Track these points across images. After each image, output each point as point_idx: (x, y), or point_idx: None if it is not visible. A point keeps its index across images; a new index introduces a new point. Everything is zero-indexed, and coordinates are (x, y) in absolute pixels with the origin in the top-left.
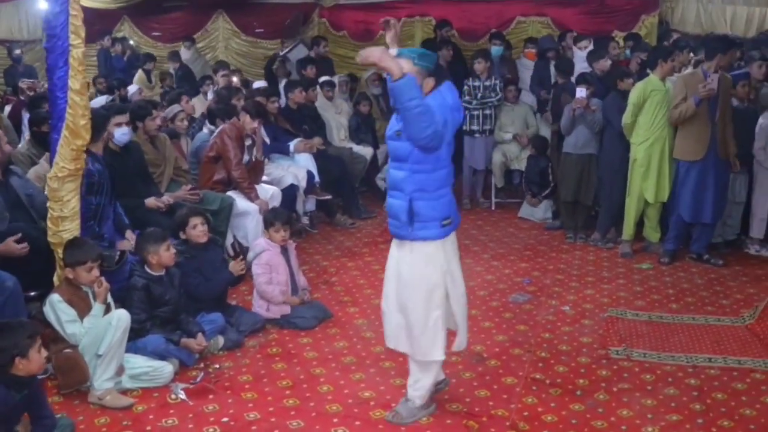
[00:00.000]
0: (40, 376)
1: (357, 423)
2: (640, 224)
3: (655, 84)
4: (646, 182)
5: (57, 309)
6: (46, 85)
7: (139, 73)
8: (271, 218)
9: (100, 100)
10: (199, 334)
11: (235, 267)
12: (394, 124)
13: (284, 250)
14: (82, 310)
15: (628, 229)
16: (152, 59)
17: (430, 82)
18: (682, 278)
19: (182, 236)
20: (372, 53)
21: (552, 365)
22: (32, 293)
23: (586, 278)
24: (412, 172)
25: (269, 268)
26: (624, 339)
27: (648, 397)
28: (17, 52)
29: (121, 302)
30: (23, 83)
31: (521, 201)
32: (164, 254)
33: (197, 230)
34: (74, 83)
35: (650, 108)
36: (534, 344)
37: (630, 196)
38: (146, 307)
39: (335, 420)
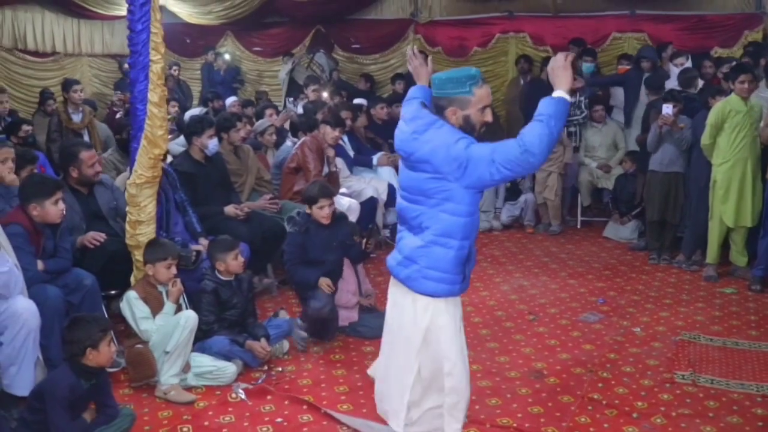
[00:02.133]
0: (112, 369)
1: None
2: (727, 247)
3: (734, 104)
4: (725, 205)
5: (133, 305)
6: None
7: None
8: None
9: (194, 111)
10: (263, 339)
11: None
12: None
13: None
14: (156, 308)
15: (711, 252)
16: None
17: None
18: (767, 305)
19: (307, 210)
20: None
21: (612, 386)
22: (111, 292)
23: (663, 300)
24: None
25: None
26: (692, 364)
27: (708, 424)
28: (126, 65)
29: (192, 303)
30: (116, 95)
31: (608, 220)
32: (231, 263)
33: (323, 212)
34: (153, 96)
35: (729, 129)
36: (597, 364)
37: (712, 219)
38: (214, 309)
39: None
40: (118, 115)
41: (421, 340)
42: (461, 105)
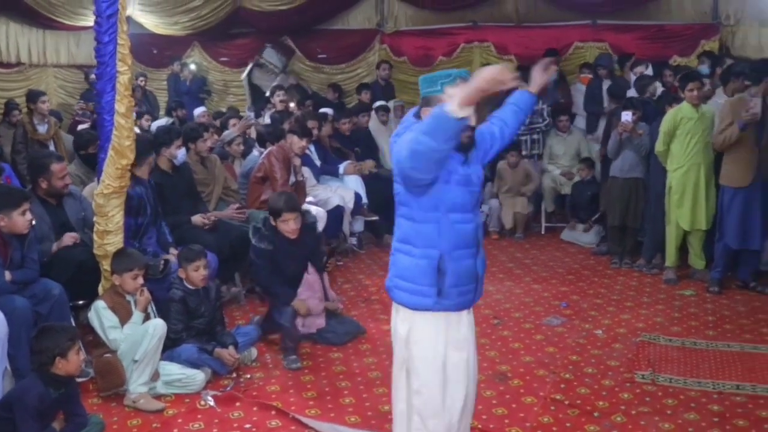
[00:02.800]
0: (81, 379)
1: None
2: (687, 251)
3: (686, 111)
4: (681, 209)
5: (101, 315)
6: None
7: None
8: None
9: (160, 122)
10: (231, 346)
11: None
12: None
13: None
14: (124, 317)
15: (670, 255)
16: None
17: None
18: (724, 305)
19: (272, 222)
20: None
21: (574, 387)
22: (79, 302)
23: (624, 303)
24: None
25: (307, 286)
26: (652, 363)
27: (667, 421)
28: (92, 76)
29: (160, 312)
30: (78, 105)
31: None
32: (192, 273)
33: (288, 226)
34: (120, 107)
35: (682, 135)
36: (560, 366)
37: (669, 223)
38: (183, 318)
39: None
40: (80, 127)
41: (404, 352)
42: (434, 104)
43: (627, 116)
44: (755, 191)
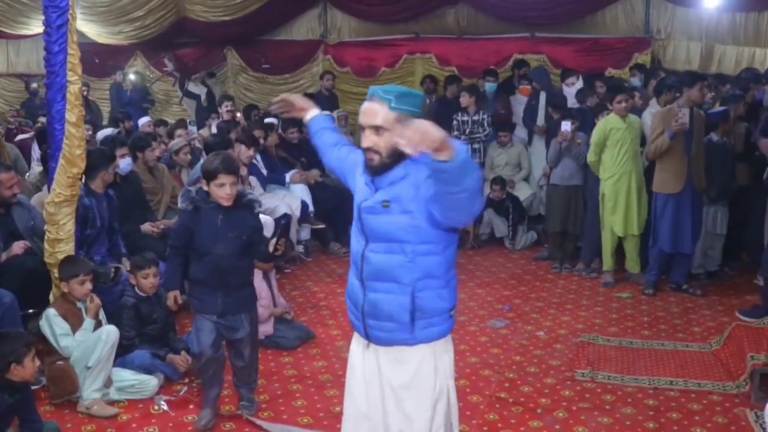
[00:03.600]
0: (33, 386)
1: None
2: (624, 255)
3: (613, 122)
4: (614, 216)
5: (52, 322)
6: None
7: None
8: None
9: (106, 132)
10: (183, 351)
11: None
12: (367, 191)
13: (266, 276)
14: (75, 324)
15: (606, 260)
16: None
17: None
18: (658, 307)
19: (204, 187)
20: (414, 132)
21: (518, 386)
22: (30, 311)
23: (564, 306)
24: (415, 255)
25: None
26: (591, 362)
27: (605, 416)
28: (34, 85)
29: (113, 319)
30: (10, 112)
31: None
32: (141, 281)
33: (222, 191)
34: (71, 116)
35: (612, 145)
36: (504, 366)
37: (604, 229)
38: (135, 324)
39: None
40: (20, 136)
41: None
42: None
43: (566, 126)
44: (686, 197)
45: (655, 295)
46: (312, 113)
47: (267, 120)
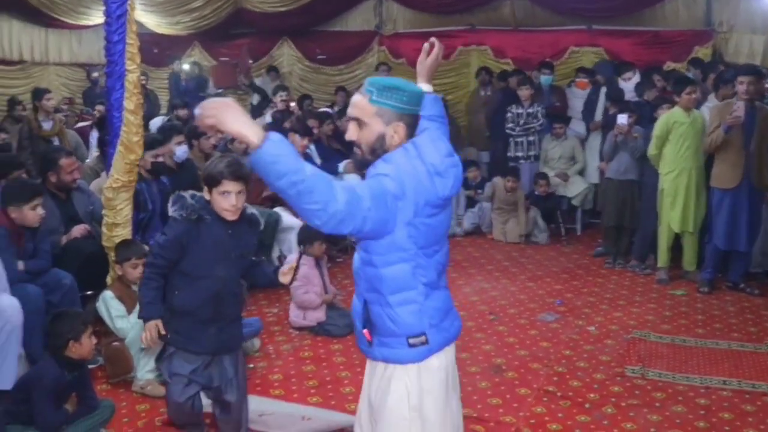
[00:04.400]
0: (91, 365)
1: None
2: (680, 251)
3: (678, 116)
4: (673, 212)
5: (108, 305)
6: None
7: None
8: (306, 236)
9: (157, 121)
10: None
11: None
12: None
13: (317, 263)
14: (131, 306)
15: (662, 256)
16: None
17: (399, 129)
18: (714, 305)
19: (206, 196)
20: (211, 110)
21: (567, 380)
22: (88, 292)
23: (617, 301)
24: (362, 263)
25: (306, 280)
26: (642, 359)
27: (655, 413)
28: (95, 74)
29: None
30: (98, 110)
31: (571, 226)
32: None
33: (227, 201)
34: (129, 104)
35: (674, 139)
36: (553, 360)
37: (661, 225)
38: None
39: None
40: (80, 124)
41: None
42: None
43: (622, 119)
44: (743, 193)
45: (710, 293)
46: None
47: (321, 110)
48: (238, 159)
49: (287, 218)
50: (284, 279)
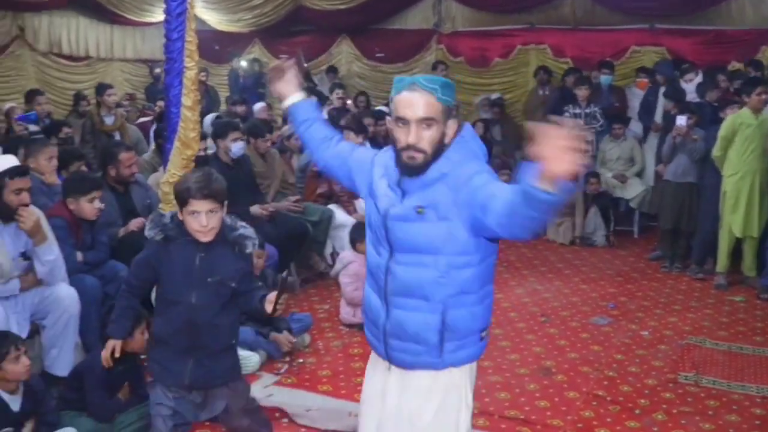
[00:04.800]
0: (144, 356)
1: None
2: (740, 257)
3: (745, 117)
4: (735, 215)
5: None
6: None
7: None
8: (358, 234)
9: (209, 117)
10: (286, 331)
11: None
12: (393, 195)
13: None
14: None
15: (721, 261)
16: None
17: (454, 125)
18: None
19: (179, 215)
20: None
21: (617, 384)
22: None
23: (672, 306)
24: (449, 269)
25: (356, 278)
26: (696, 366)
27: (707, 422)
28: (157, 70)
29: None
30: (158, 105)
31: (623, 229)
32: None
33: (196, 221)
34: (187, 100)
35: (740, 141)
36: (604, 364)
37: (722, 229)
38: None
39: None
40: (140, 119)
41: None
42: None
43: (681, 120)
44: None
45: None
46: (294, 98)
47: (377, 108)
48: (211, 174)
49: (340, 215)
50: (269, 308)
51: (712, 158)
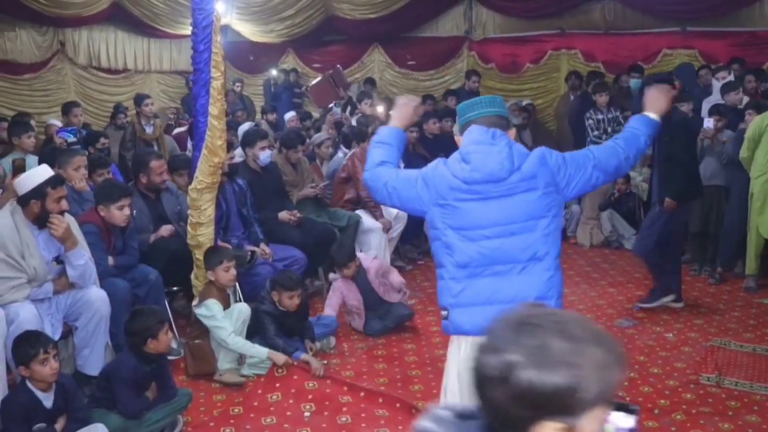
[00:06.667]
0: (172, 357)
1: None
2: None
3: None
4: (762, 216)
5: (213, 310)
6: None
7: None
8: (337, 259)
9: (245, 126)
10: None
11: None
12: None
13: (353, 278)
14: (224, 306)
15: (750, 263)
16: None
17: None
18: None
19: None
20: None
21: (638, 385)
22: (173, 288)
23: (699, 309)
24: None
25: (341, 296)
26: (719, 367)
27: (727, 422)
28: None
29: (256, 322)
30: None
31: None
32: (286, 301)
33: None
34: (213, 110)
35: (766, 142)
36: (626, 365)
37: (750, 231)
38: (278, 331)
39: (415, 413)
40: (177, 130)
41: None
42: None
43: (709, 123)
44: None
45: None
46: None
47: None
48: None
49: (368, 221)
50: None
51: (739, 160)
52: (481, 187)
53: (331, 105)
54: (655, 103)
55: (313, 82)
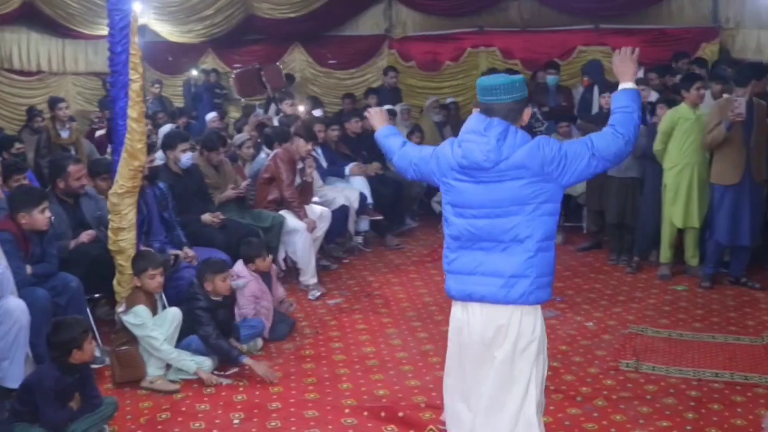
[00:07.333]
0: (95, 366)
1: (365, 413)
2: (682, 247)
3: (684, 112)
4: (674, 207)
5: (142, 316)
6: None
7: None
8: (252, 251)
9: (165, 128)
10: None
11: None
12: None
13: (266, 276)
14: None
15: (664, 252)
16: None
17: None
18: (714, 300)
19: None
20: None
21: (561, 374)
22: (95, 296)
23: (617, 297)
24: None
25: (253, 298)
26: (637, 353)
27: (645, 405)
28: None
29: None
30: (93, 115)
31: (578, 224)
32: (219, 284)
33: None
34: (132, 112)
35: (678, 135)
36: (549, 355)
37: (663, 221)
38: (213, 323)
39: (347, 411)
40: (97, 133)
41: (537, 350)
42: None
43: None
44: (744, 189)
45: (712, 288)
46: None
47: (316, 113)
48: None
49: (292, 221)
50: None
51: (653, 153)
52: (471, 171)
53: (256, 103)
54: (625, 71)
55: (241, 69)
